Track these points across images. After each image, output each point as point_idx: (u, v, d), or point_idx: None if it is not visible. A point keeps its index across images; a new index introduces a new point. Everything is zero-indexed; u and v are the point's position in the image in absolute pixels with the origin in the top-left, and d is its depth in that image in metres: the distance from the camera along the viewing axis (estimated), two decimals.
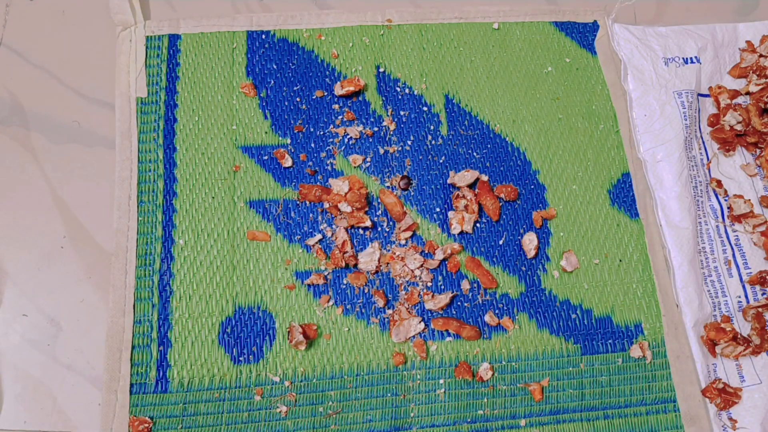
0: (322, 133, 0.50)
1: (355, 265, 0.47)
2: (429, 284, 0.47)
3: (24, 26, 0.53)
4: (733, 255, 0.50)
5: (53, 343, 0.45)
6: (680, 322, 0.47)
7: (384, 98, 0.52)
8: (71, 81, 0.52)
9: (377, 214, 0.48)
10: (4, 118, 0.50)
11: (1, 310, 0.46)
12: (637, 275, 0.48)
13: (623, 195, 0.51)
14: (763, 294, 0.49)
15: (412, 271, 0.47)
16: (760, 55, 0.54)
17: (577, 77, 0.54)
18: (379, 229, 0.48)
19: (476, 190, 0.49)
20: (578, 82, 0.54)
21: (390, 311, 0.46)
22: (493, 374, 0.45)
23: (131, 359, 0.44)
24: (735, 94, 0.54)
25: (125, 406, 0.43)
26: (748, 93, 0.54)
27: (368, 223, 0.47)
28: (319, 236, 0.47)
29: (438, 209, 0.49)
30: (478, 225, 0.49)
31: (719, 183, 0.52)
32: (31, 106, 0.51)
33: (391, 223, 0.48)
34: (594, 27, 0.56)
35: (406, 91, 0.52)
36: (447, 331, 0.46)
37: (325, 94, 0.51)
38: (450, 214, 0.48)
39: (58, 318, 0.46)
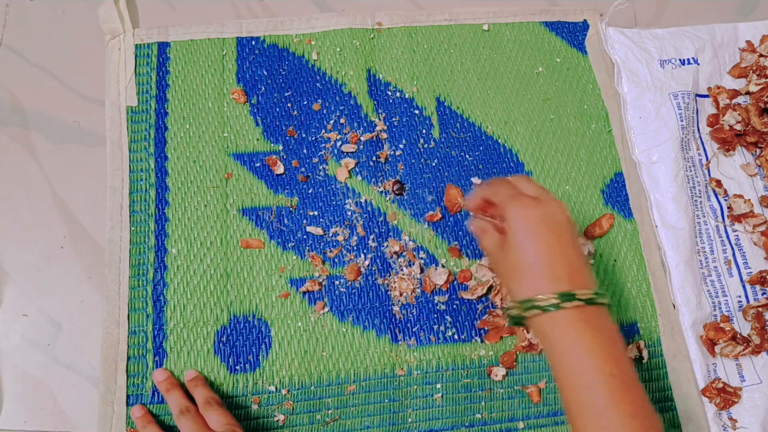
0: (314, 138, 0.54)
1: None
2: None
3: (24, 26, 0.57)
4: (733, 255, 0.53)
5: (53, 343, 0.48)
6: (676, 321, 0.50)
7: (375, 102, 0.55)
8: (71, 81, 0.55)
9: (377, 221, 0.52)
10: (4, 118, 0.54)
11: (1, 310, 0.49)
12: (631, 275, 0.52)
13: (616, 195, 0.54)
14: (763, 294, 0.52)
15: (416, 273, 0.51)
16: (760, 55, 0.57)
17: (568, 77, 0.57)
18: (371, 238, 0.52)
19: None
20: (569, 82, 0.57)
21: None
22: (505, 377, 0.49)
23: (127, 370, 0.47)
24: (735, 93, 0.57)
25: (122, 418, 0.46)
26: (748, 93, 0.57)
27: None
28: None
29: (432, 212, 0.53)
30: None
31: (719, 183, 0.55)
32: (31, 106, 0.54)
33: (380, 237, 0.52)
34: (584, 26, 0.59)
35: (398, 94, 0.55)
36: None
37: (321, 105, 0.55)
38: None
39: (58, 318, 0.49)
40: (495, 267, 0.42)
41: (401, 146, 0.54)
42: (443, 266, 0.51)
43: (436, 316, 0.50)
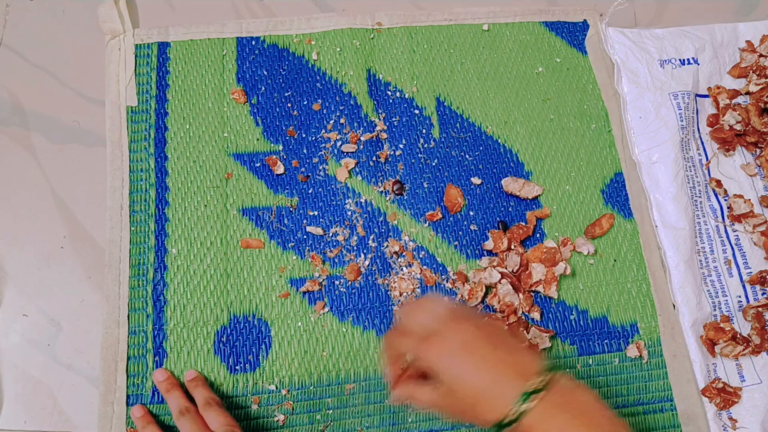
0: (314, 138, 0.54)
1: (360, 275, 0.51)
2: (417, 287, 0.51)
3: (24, 26, 0.57)
4: (733, 255, 0.53)
5: (53, 343, 0.49)
6: (676, 321, 0.50)
7: (375, 102, 0.55)
8: (71, 81, 0.55)
9: (377, 221, 0.52)
10: (4, 118, 0.54)
11: (1, 310, 0.49)
12: (631, 275, 0.52)
13: (616, 195, 0.54)
14: (763, 294, 0.52)
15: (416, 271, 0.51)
16: (760, 55, 0.57)
17: (568, 77, 0.58)
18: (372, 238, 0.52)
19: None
20: (569, 82, 0.57)
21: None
22: None
23: (127, 370, 0.47)
24: (735, 93, 0.57)
25: (122, 418, 0.46)
26: (748, 93, 0.57)
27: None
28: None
29: (432, 212, 0.53)
30: (472, 228, 0.53)
31: (719, 183, 0.55)
32: (31, 106, 0.55)
33: (380, 237, 0.52)
34: (584, 26, 0.59)
35: (398, 94, 0.56)
36: None
37: (321, 105, 0.55)
38: (484, 261, 0.51)
39: (58, 318, 0.49)
40: (448, 414, 0.40)
41: (401, 146, 0.54)
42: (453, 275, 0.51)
43: None
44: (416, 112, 0.55)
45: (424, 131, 0.55)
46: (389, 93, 0.56)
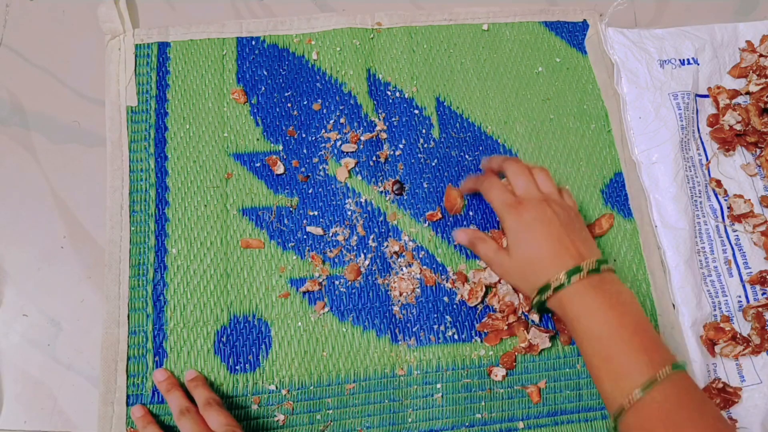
0: (313, 138, 0.54)
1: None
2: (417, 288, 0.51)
3: (24, 26, 0.57)
4: (734, 255, 0.53)
5: (53, 343, 0.49)
6: (676, 321, 0.50)
7: (375, 102, 0.55)
8: (71, 81, 0.55)
9: (377, 221, 0.52)
10: (4, 118, 0.54)
11: (1, 310, 0.49)
12: (631, 275, 0.52)
13: (616, 195, 0.54)
14: (763, 294, 0.52)
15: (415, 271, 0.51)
16: (760, 55, 0.57)
17: (568, 77, 0.58)
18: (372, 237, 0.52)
19: None
20: (569, 82, 0.57)
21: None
22: (505, 377, 0.49)
23: (127, 370, 0.47)
24: (735, 93, 0.57)
25: (122, 418, 0.46)
26: (748, 93, 0.57)
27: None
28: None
29: (432, 212, 0.53)
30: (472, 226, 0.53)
31: (719, 183, 0.55)
32: (31, 106, 0.55)
33: (380, 238, 0.52)
34: (584, 26, 0.59)
35: (397, 94, 0.56)
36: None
37: (321, 105, 0.55)
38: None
39: (58, 318, 0.49)
40: (499, 269, 0.46)
41: (401, 146, 0.54)
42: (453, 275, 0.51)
43: (436, 316, 0.50)
44: (416, 112, 0.55)
45: (423, 131, 0.55)
46: (389, 93, 0.56)
